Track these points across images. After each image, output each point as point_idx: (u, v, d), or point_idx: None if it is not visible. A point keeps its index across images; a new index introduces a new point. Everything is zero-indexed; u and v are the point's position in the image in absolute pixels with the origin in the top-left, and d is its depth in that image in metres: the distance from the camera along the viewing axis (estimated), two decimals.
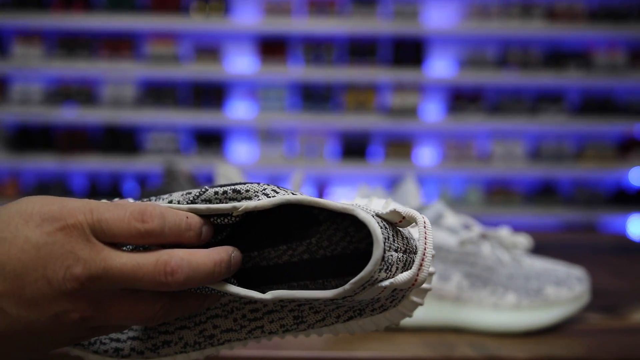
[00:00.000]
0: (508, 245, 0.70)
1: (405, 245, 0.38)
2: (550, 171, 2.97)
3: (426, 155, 3.06)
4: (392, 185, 2.95)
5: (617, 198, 3.03)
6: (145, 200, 0.42)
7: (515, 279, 0.68)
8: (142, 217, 0.36)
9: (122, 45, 2.89)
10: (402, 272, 0.37)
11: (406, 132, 3.03)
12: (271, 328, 0.41)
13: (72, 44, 2.88)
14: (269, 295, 0.37)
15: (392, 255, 0.36)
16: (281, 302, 0.39)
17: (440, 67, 3.01)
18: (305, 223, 0.41)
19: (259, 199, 0.38)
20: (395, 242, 0.37)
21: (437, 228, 0.69)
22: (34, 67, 2.84)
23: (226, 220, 0.39)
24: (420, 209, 0.73)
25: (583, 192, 3.02)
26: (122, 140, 2.91)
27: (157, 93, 2.92)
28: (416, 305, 0.41)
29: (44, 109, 2.85)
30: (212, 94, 2.93)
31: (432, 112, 3.02)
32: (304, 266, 0.42)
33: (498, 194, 3.01)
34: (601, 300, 0.78)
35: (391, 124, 2.90)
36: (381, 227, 0.36)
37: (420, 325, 0.68)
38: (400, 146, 2.96)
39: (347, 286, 0.35)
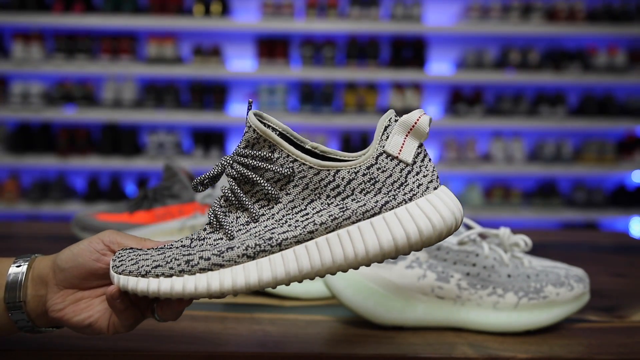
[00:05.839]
0: (508, 245, 0.70)
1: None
2: (549, 171, 2.97)
3: None
4: None
5: (617, 198, 3.03)
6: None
7: (515, 278, 0.68)
8: None
9: (122, 45, 2.89)
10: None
11: None
12: (321, 220, 0.51)
13: (72, 44, 2.88)
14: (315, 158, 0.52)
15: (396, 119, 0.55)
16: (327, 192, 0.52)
17: (440, 67, 3.01)
18: None
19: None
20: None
21: None
22: (34, 67, 2.84)
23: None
24: None
25: (583, 192, 3.02)
26: (122, 140, 2.90)
27: (157, 93, 2.92)
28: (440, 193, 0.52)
29: (44, 109, 2.85)
30: (212, 94, 2.93)
31: (432, 112, 3.03)
32: None
33: (498, 193, 3.01)
34: (601, 300, 0.78)
35: None
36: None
37: (421, 325, 0.68)
38: None
39: (377, 138, 0.54)
